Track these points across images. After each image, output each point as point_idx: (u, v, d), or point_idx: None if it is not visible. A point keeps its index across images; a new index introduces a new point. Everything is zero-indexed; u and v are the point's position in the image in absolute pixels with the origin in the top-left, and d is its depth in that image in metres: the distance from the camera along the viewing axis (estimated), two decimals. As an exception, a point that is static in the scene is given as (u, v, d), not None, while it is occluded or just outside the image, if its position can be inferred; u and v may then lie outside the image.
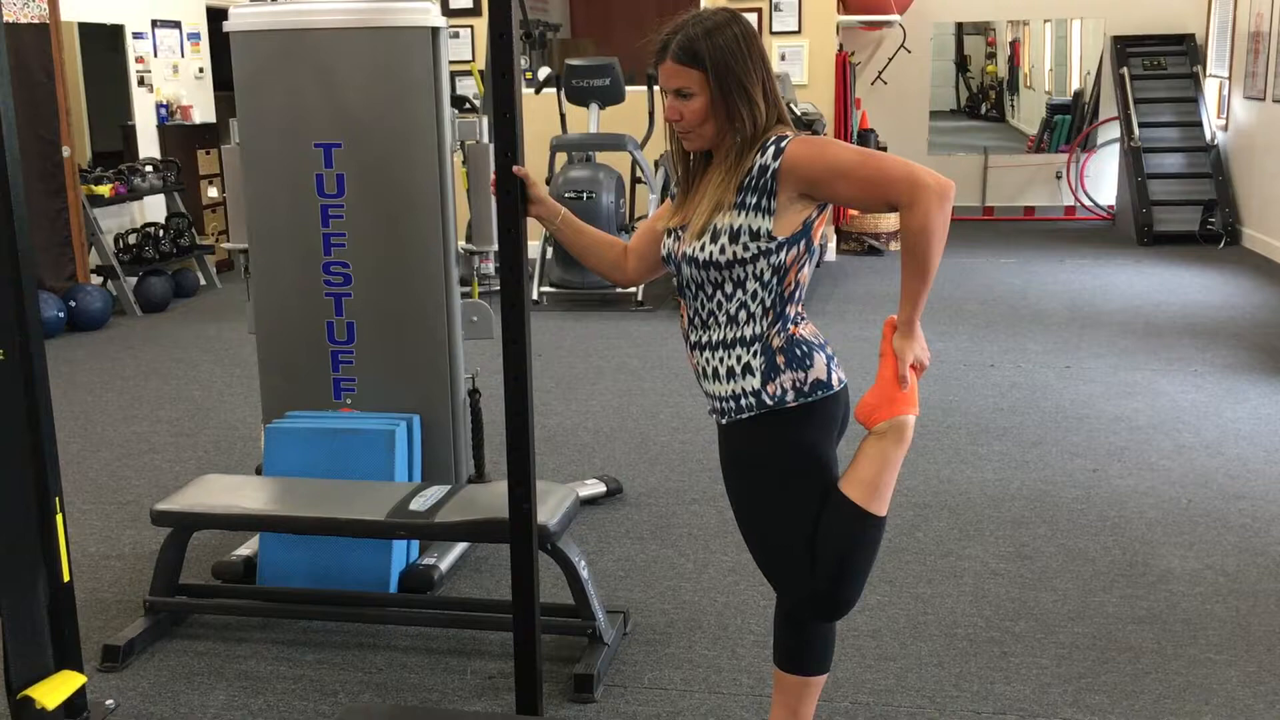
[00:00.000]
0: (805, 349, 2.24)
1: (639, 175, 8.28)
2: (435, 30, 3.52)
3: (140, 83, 8.41)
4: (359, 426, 3.56)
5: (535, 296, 7.63)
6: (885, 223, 9.38)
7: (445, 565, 3.59)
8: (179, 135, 8.70)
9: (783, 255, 2.20)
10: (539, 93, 8.33)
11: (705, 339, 2.29)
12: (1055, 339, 6.50)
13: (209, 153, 8.85)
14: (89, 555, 3.85)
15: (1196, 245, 9.41)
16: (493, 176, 2.49)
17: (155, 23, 8.55)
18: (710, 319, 2.27)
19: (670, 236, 2.33)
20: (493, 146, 2.46)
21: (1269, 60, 8.84)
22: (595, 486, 4.24)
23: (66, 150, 7.28)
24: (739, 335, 2.24)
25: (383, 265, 3.62)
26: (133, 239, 7.93)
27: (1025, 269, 8.64)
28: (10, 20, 6.88)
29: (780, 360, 2.22)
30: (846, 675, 3.03)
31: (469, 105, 7.15)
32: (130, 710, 2.95)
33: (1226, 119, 9.82)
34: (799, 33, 8.96)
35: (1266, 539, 3.84)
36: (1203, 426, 4.96)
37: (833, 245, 9.36)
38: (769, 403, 2.22)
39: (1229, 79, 9.75)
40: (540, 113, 8.27)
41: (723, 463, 2.37)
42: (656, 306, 7.54)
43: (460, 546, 3.71)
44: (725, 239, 2.19)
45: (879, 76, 10.90)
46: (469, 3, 9.16)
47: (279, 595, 3.44)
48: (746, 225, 2.18)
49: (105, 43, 8.16)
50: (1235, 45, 9.62)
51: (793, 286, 2.24)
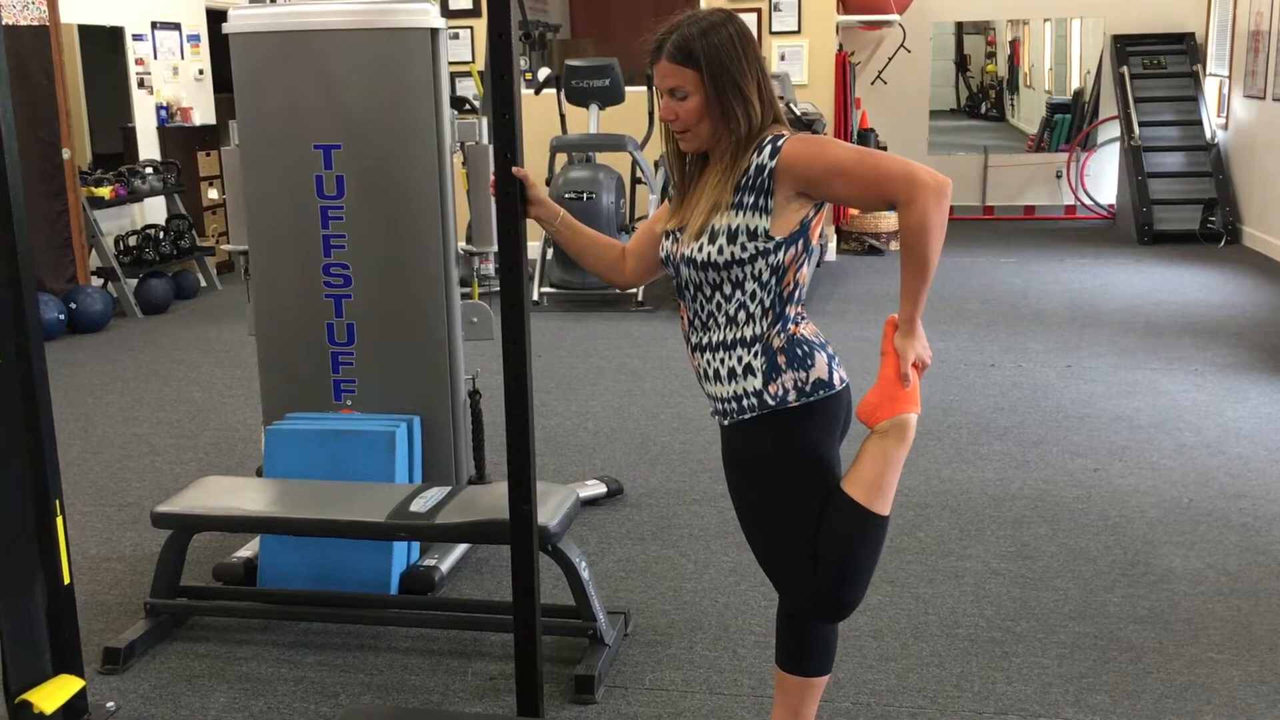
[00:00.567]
0: (806, 348, 2.24)
1: (639, 176, 8.27)
2: (435, 31, 3.52)
3: (140, 85, 8.41)
4: (359, 428, 3.56)
5: (535, 297, 7.63)
6: (885, 222, 9.38)
7: (446, 566, 3.59)
8: (179, 137, 8.70)
9: (781, 255, 2.20)
10: (539, 93, 8.33)
11: (705, 340, 2.29)
12: (1056, 338, 6.50)
13: (209, 154, 8.86)
14: (89, 557, 3.85)
15: (1197, 244, 9.41)
16: (492, 177, 2.49)
17: (155, 24, 8.55)
18: (710, 320, 2.27)
19: (668, 238, 2.33)
20: (492, 147, 2.46)
21: (1269, 59, 8.83)
22: (596, 487, 4.24)
23: (67, 152, 7.28)
24: (739, 336, 2.24)
25: (382, 266, 3.62)
26: (133, 241, 7.94)
27: (1025, 268, 8.64)
28: (10, 22, 6.88)
29: (781, 360, 2.22)
30: (848, 675, 3.03)
31: (469, 106, 7.15)
32: (131, 713, 2.94)
33: (1226, 118, 9.82)
34: (799, 32, 8.96)
35: (1268, 538, 3.84)
36: (1204, 425, 4.96)
37: (833, 245, 9.36)
38: (771, 403, 2.22)
39: (1229, 78, 9.75)
40: (540, 113, 8.27)
41: (725, 463, 2.37)
42: (657, 307, 7.54)
43: (461, 548, 3.71)
44: (723, 239, 2.19)
45: (879, 76, 10.89)
46: (469, 4, 9.16)
47: (279, 597, 3.44)
48: (744, 225, 2.18)
49: (105, 45, 8.16)
50: (1235, 44, 9.62)
51: (792, 286, 2.24)
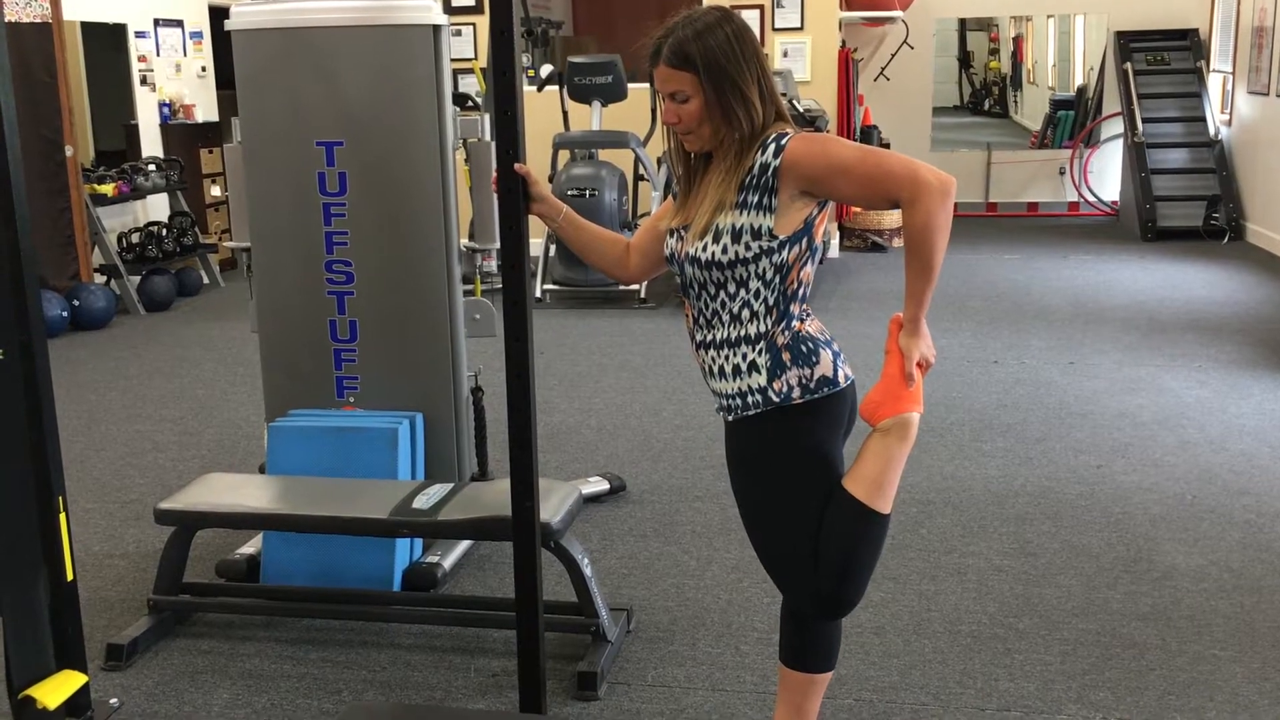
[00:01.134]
0: (811, 345, 2.24)
1: (642, 173, 8.27)
2: (437, 28, 3.52)
3: (143, 82, 8.42)
4: (362, 425, 3.56)
5: (538, 294, 7.63)
6: (888, 219, 9.37)
7: (448, 563, 3.59)
8: (182, 134, 8.71)
9: (785, 254, 2.20)
10: (541, 90, 8.33)
11: (710, 338, 2.29)
12: (1059, 335, 6.50)
13: (212, 151, 8.86)
14: (93, 554, 3.86)
15: (1200, 241, 9.39)
16: (494, 174, 2.49)
17: (158, 22, 8.55)
18: (715, 318, 2.27)
19: (673, 236, 2.33)
20: (494, 144, 2.46)
21: (1272, 55, 8.82)
22: (598, 484, 4.24)
23: (69, 149, 7.28)
24: (744, 333, 2.24)
25: (385, 263, 3.62)
26: (136, 238, 7.94)
27: (1028, 265, 8.63)
28: (13, 20, 6.88)
29: (786, 357, 2.22)
30: (850, 672, 3.03)
31: (471, 103, 7.14)
32: (134, 709, 2.95)
33: (1230, 114, 9.80)
34: (801, 29, 8.96)
35: (1271, 535, 3.83)
36: (1207, 422, 4.96)
37: (836, 242, 9.35)
38: (775, 400, 2.22)
39: (1232, 74, 9.74)
40: (543, 110, 8.26)
41: (729, 459, 2.37)
42: (659, 304, 7.54)
43: (463, 544, 3.71)
44: (728, 239, 2.19)
45: (882, 73, 10.88)
46: (471, 0, 9.16)
47: (282, 594, 3.44)
48: (748, 224, 2.18)
49: (108, 42, 8.16)
50: (1239, 40, 9.61)
51: (796, 284, 2.23)
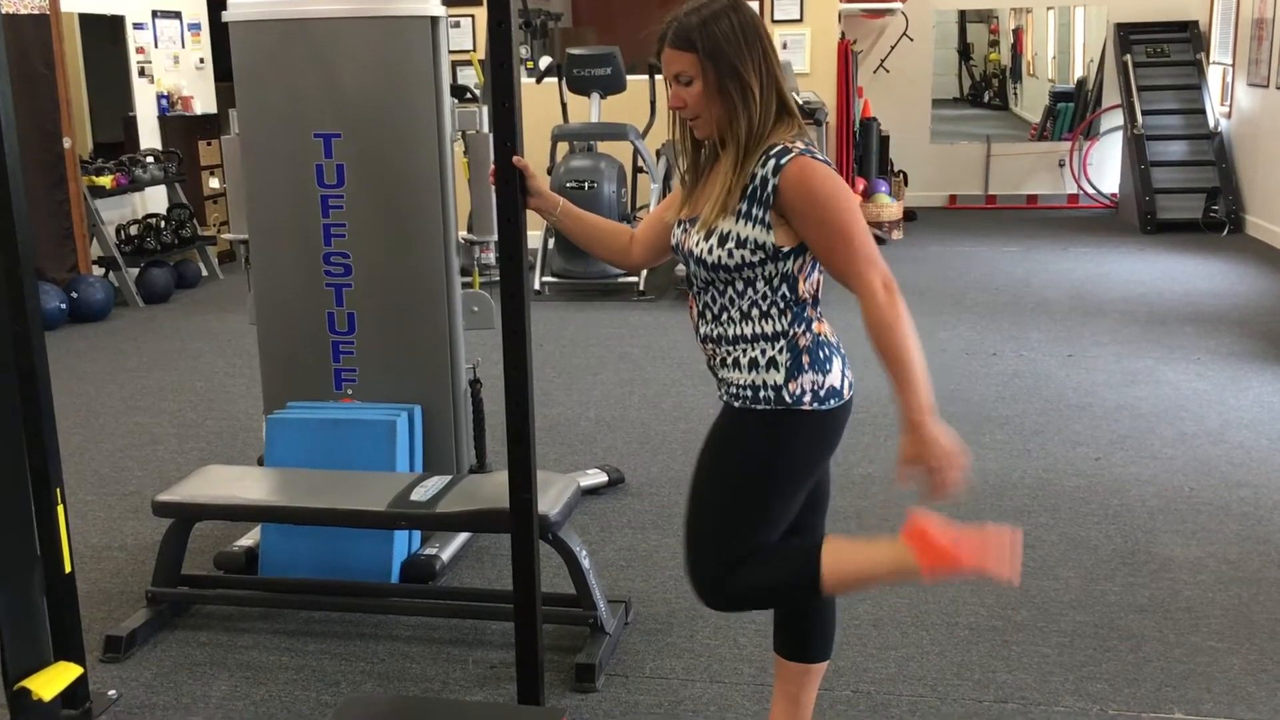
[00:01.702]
0: (827, 352, 2.22)
1: (641, 165, 8.26)
2: (435, 19, 3.51)
3: (141, 74, 8.40)
4: (360, 417, 3.56)
5: (537, 287, 7.63)
6: (887, 211, 9.37)
7: (447, 555, 3.59)
8: (180, 126, 8.69)
9: (789, 264, 2.18)
10: (540, 82, 8.32)
11: (719, 333, 2.26)
12: (1058, 327, 6.49)
13: (210, 143, 8.85)
14: (91, 546, 3.86)
15: (1199, 233, 9.38)
16: (491, 167, 2.48)
17: (156, 13, 8.53)
18: (722, 313, 2.24)
19: (679, 228, 2.31)
20: (492, 136, 2.46)
21: (1272, 47, 8.81)
22: (597, 476, 4.24)
23: (67, 141, 7.27)
24: (759, 331, 2.21)
25: (383, 256, 3.62)
26: (134, 230, 7.93)
27: (1028, 257, 8.62)
28: (10, 11, 6.87)
29: (805, 359, 2.20)
30: (848, 664, 3.04)
31: (469, 95, 7.14)
32: (132, 700, 2.95)
33: (1230, 106, 9.79)
34: (801, 20, 8.95)
35: (1269, 527, 3.84)
36: (1205, 414, 4.96)
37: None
38: (788, 400, 2.19)
39: (1232, 66, 9.72)
40: (541, 102, 8.26)
41: (713, 434, 2.32)
42: (658, 297, 7.53)
43: (462, 536, 3.71)
44: (732, 244, 2.17)
45: (881, 65, 10.86)
46: (470, -8, 9.14)
47: (281, 585, 3.44)
48: (751, 236, 2.16)
49: (106, 34, 8.15)
50: (1239, 32, 9.59)
51: (807, 288, 2.21)
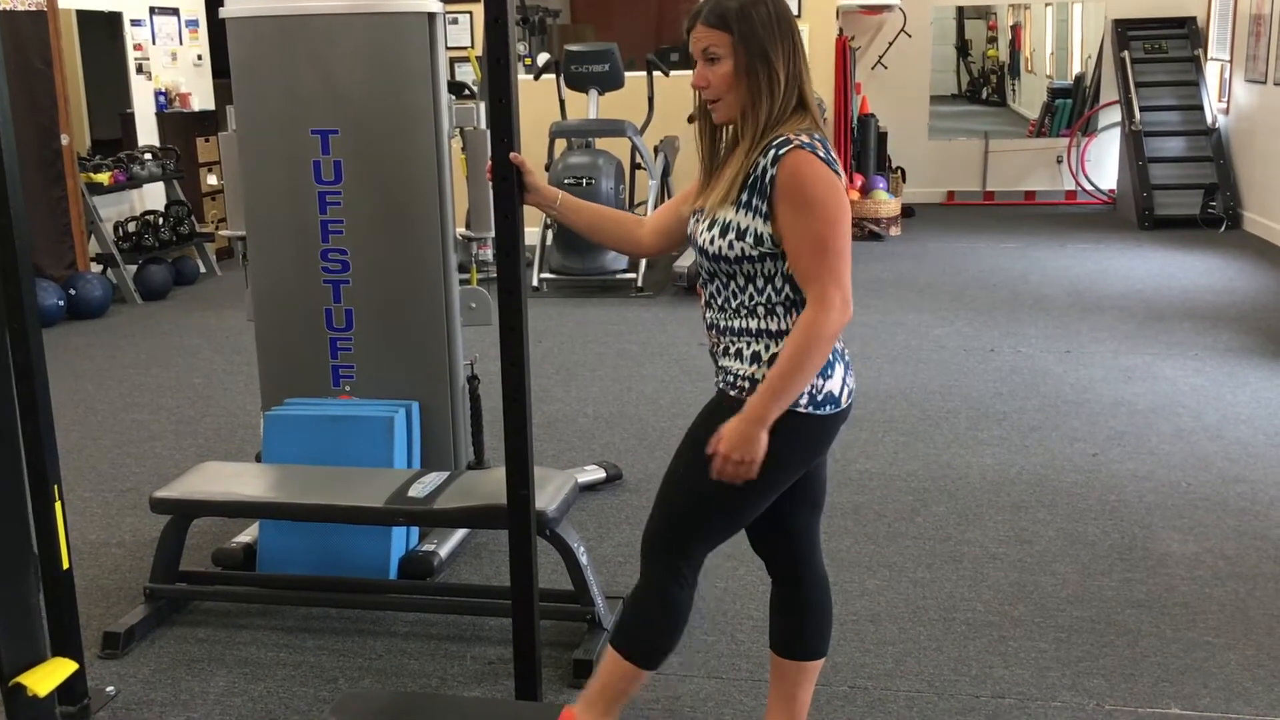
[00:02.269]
0: (831, 357, 2.21)
1: (639, 161, 8.26)
2: (432, 15, 3.51)
3: (139, 70, 8.40)
4: (358, 413, 3.56)
5: (535, 283, 7.63)
6: (885, 208, 9.37)
7: (445, 551, 3.60)
8: (178, 123, 8.69)
9: (789, 262, 2.17)
10: (538, 78, 8.32)
11: (725, 324, 2.25)
12: (1055, 324, 6.50)
13: (208, 140, 8.84)
14: (89, 543, 3.86)
15: (1197, 229, 9.39)
16: (488, 163, 2.48)
17: (153, 10, 8.53)
18: (726, 304, 2.24)
19: (693, 218, 2.31)
20: (489, 132, 2.45)
21: (1270, 43, 8.80)
22: (595, 472, 4.24)
23: (65, 138, 7.27)
24: (763, 327, 2.20)
25: (381, 252, 3.62)
26: (132, 227, 7.93)
27: (1026, 253, 8.63)
28: (8, 8, 6.87)
29: None
30: (845, 659, 3.04)
31: (467, 91, 7.14)
32: (131, 697, 2.95)
33: (1228, 102, 9.79)
34: (799, 16, 8.93)
35: (1266, 522, 3.84)
36: (1203, 410, 4.96)
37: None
38: None
39: (1230, 62, 9.72)
40: (539, 99, 8.26)
41: (701, 417, 2.29)
42: (656, 293, 7.53)
43: (459, 533, 3.71)
44: (732, 235, 2.16)
45: (879, 61, 10.86)
46: (467, -12, 9.13)
47: (279, 582, 3.44)
48: (752, 227, 2.15)
49: (103, 30, 8.14)
50: (1236, 28, 9.59)
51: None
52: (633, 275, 7.57)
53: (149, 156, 8.07)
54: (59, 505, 2.73)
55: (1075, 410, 5.00)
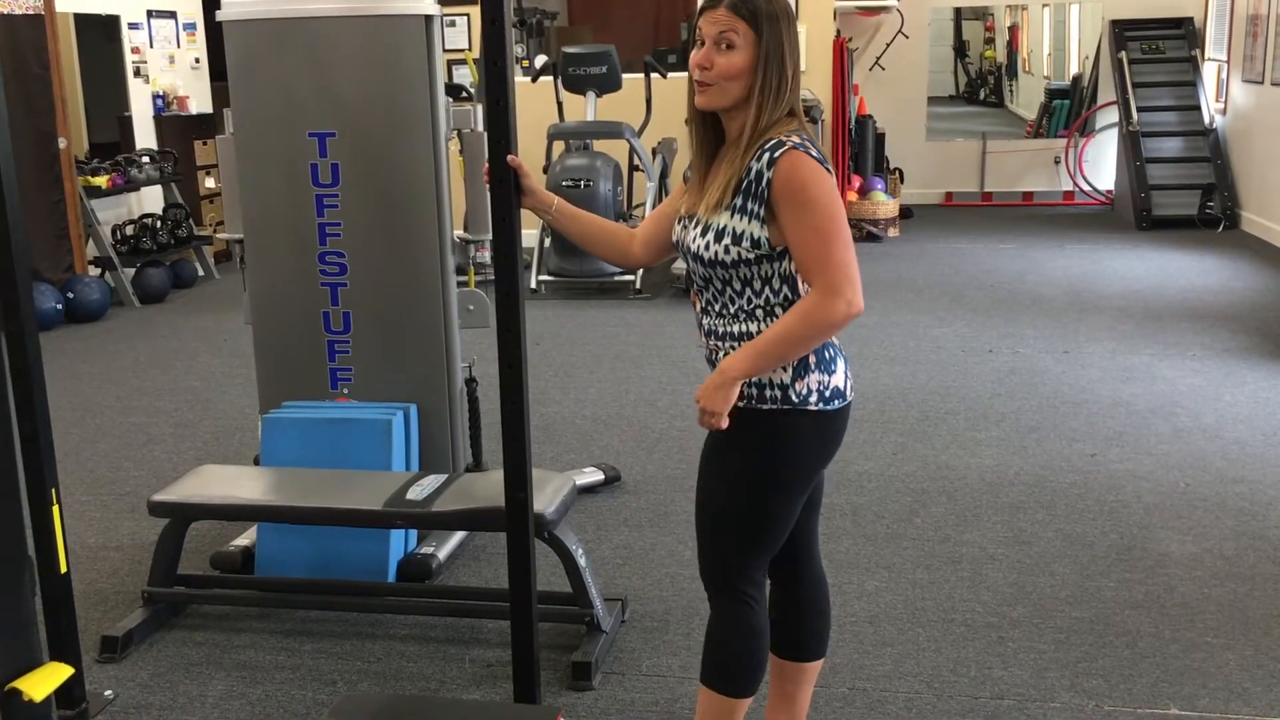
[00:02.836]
0: (832, 352, 2.21)
1: (636, 163, 8.26)
2: (429, 18, 3.51)
3: (136, 73, 8.39)
4: (356, 416, 3.56)
5: (533, 285, 7.63)
6: (883, 209, 9.37)
7: (443, 554, 3.59)
8: (176, 126, 8.69)
9: (786, 264, 2.16)
10: (535, 81, 8.32)
11: (724, 329, 2.23)
12: (1054, 324, 6.50)
13: (206, 143, 8.85)
14: (87, 546, 3.86)
15: (1195, 229, 9.39)
16: (485, 165, 2.48)
17: (151, 13, 8.53)
18: (725, 310, 2.22)
19: (679, 224, 2.30)
20: (487, 135, 2.45)
21: (1267, 43, 8.81)
22: (593, 474, 4.24)
23: (63, 141, 7.27)
24: (761, 330, 2.18)
25: (378, 254, 3.61)
26: (130, 230, 7.93)
27: (1024, 254, 8.63)
28: (5, 11, 6.87)
29: (812, 359, 2.18)
30: (844, 661, 3.04)
31: (464, 93, 7.14)
32: (129, 700, 2.95)
33: (1225, 102, 9.80)
34: (796, 18, 8.93)
35: (1264, 522, 3.84)
36: (1201, 411, 4.96)
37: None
38: (794, 399, 2.17)
39: (1227, 62, 9.73)
40: (537, 101, 8.26)
41: (714, 440, 2.28)
42: (654, 294, 7.53)
43: (458, 535, 3.71)
44: (728, 240, 2.15)
45: (877, 62, 10.87)
46: (465, -9, 9.13)
47: (277, 585, 3.44)
48: (747, 231, 2.14)
49: (101, 33, 8.14)
50: (1233, 28, 9.60)
51: (806, 287, 2.17)
52: (630, 277, 7.57)
53: (147, 160, 8.07)
54: (57, 509, 2.73)
55: (1073, 411, 5.00)
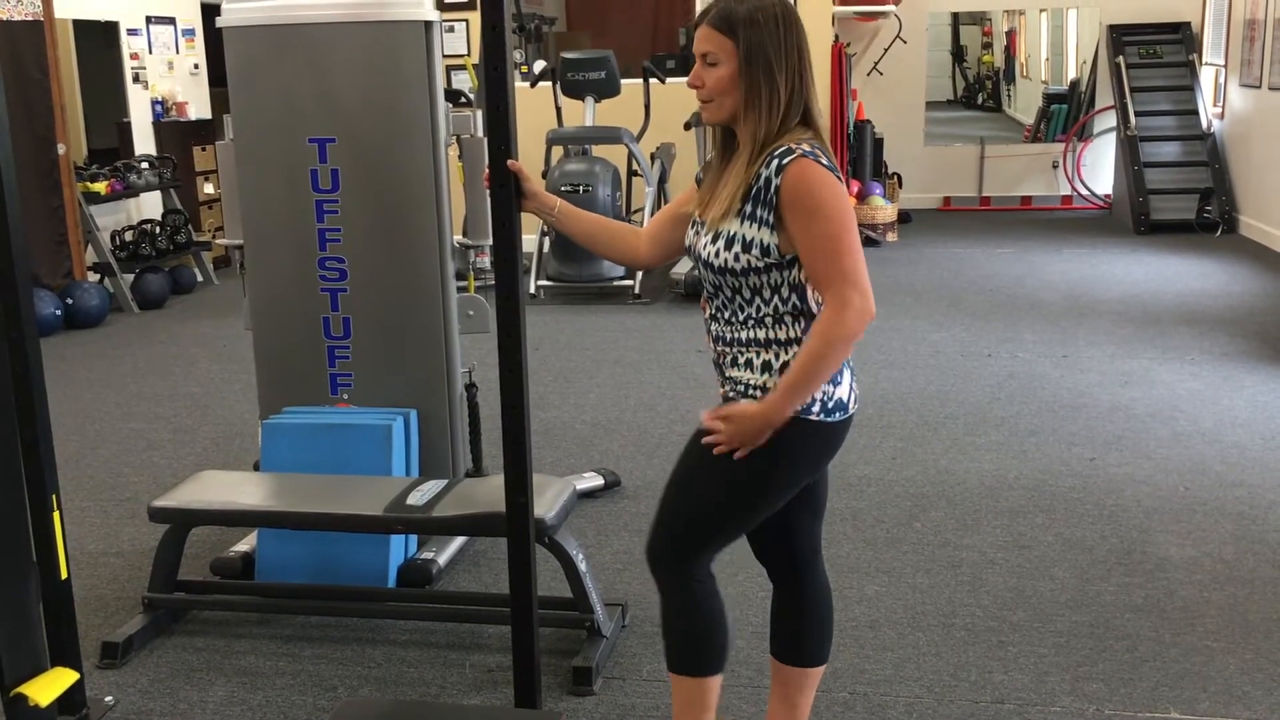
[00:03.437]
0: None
1: (635, 168, 8.27)
2: (429, 24, 3.51)
3: (135, 79, 8.40)
4: (356, 421, 3.56)
5: (532, 290, 7.63)
6: (882, 214, 9.38)
7: (443, 559, 3.59)
8: (175, 131, 8.69)
9: (795, 272, 2.15)
10: (534, 86, 8.33)
11: (731, 335, 2.23)
12: (1052, 328, 6.51)
13: (205, 149, 8.85)
14: (88, 552, 3.85)
15: (1193, 234, 9.41)
16: (485, 171, 2.48)
17: (150, 19, 8.53)
18: (733, 317, 2.22)
19: (692, 228, 2.30)
20: (487, 140, 2.46)
21: (1265, 48, 8.83)
22: (593, 479, 4.24)
23: (62, 147, 7.27)
24: (772, 336, 2.19)
25: (378, 260, 3.62)
26: (129, 236, 7.93)
27: (1022, 259, 8.64)
28: (4, 17, 6.87)
29: None
30: (845, 665, 3.04)
31: (464, 99, 7.15)
32: (129, 706, 2.95)
33: (1223, 107, 9.82)
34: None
35: (1264, 526, 3.85)
36: (1200, 414, 4.97)
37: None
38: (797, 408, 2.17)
39: (1225, 67, 9.75)
40: (536, 106, 8.27)
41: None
42: (654, 300, 7.54)
43: (458, 540, 3.71)
44: (738, 247, 2.15)
45: (875, 67, 10.89)
46: (463, -4, 9.15)
47: (277, 591, 3.44)
48: (757, 238, 2.14)
49: (100, 39, 8.15)
50: (1231, 33, 9.62)
51: (815, 296, 2.17)
52: (630, 282, 7.58)
53: (146, 165, 8.08)
54: (57, 515, 2.73)
55: (1072, 415, 5.01)
